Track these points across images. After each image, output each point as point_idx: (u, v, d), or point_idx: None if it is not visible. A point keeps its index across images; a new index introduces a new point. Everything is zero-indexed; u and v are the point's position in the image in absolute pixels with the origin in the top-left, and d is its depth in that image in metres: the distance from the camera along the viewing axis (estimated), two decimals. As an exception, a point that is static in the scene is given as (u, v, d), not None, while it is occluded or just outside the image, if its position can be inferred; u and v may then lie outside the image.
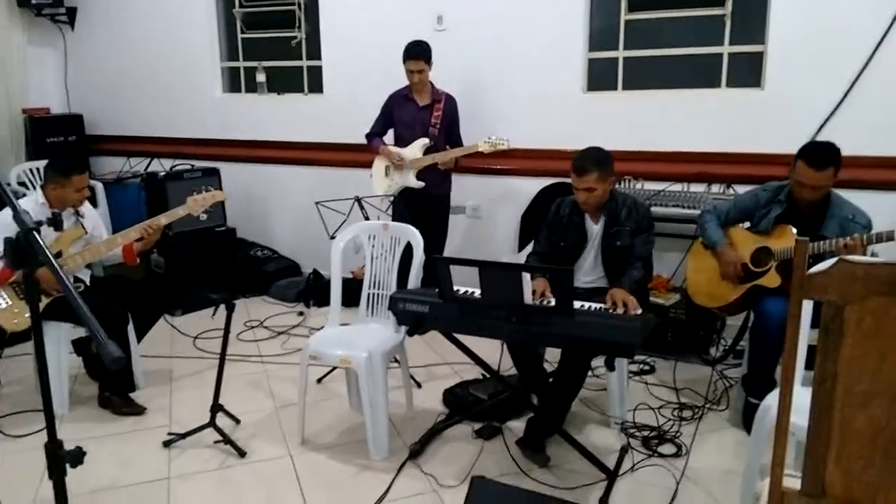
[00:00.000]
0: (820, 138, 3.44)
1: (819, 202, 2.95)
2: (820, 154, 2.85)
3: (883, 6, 3.48)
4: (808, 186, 2.86)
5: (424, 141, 4.13)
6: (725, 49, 4.03)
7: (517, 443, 2.81)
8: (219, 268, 4.93)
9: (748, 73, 3.96)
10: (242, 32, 5.52)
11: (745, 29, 3.96)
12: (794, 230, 2.95)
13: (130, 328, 3.39)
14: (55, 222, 1.52)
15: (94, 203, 4.79)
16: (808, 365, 2.16)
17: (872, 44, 3.51)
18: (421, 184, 4.14)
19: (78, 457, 1.44)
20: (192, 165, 5.13)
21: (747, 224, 3.20)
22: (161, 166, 5.43)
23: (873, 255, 2.90)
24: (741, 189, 3.66)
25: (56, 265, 1.30)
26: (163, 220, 3.31)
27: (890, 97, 3.52)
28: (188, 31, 5.54)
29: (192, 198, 3.36)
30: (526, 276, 2.42)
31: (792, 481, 1.59)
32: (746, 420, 2.99)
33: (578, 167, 2.90)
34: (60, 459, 1.44)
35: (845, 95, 3.61)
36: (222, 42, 5.63)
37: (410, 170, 4.14)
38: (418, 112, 4.17)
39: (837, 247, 2.73)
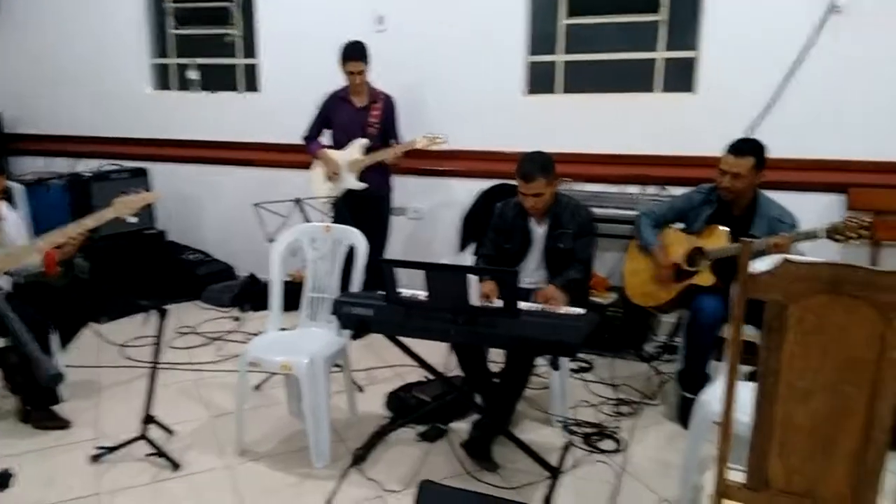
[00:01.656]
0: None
1: (748, 203, 3.05)
2: (740, 143, 3.01)
3: (809, 12, 3.63)
4: (728, 174, 2.96)
5: (363, 141, 4.07)
6: (660, 54, 4.14)
7: (462, 445, 2.79)
8: (148, 272, 4.74)
9: (682, 77, 4.07)
10: (174, 28, 5.33)
11: (679, 35, 4.07)
12: (726, 230, 3.05)
13: (54, 337, 3.21)
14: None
15: (13, 205, 4.53)
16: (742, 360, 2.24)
17: (798, 49, 3.66)
18: (363, 185, 4.08)
19: (5, 479, 1.33)
20: (120, 166, 4.91)
21: (681, 225, 3.29)
22: (86, 167, 5.17)
23: (800, 254, 3.02)
24: (676, 191, 3.76)
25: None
26: (89, 223, 3.13)
27: (814, 101, 3.68)
28: (114, 26, 5.30)
29: (120, 199, 3.19)
30: (472, 278, 2.41)
31: (733, 475, 1.63)
32: (682, 414, 3.07)
33: (525, 173, 2.91)
34: (-18, 482, 1.33)
35: (773, 100, 3.76)
36: (152, 37, 5.41)
37: (351, 172, 4.07)
38: (356, 113, 4.11)
39: (768, 246, 2.82)
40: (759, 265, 1.57)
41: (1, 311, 1.19)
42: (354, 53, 3.97)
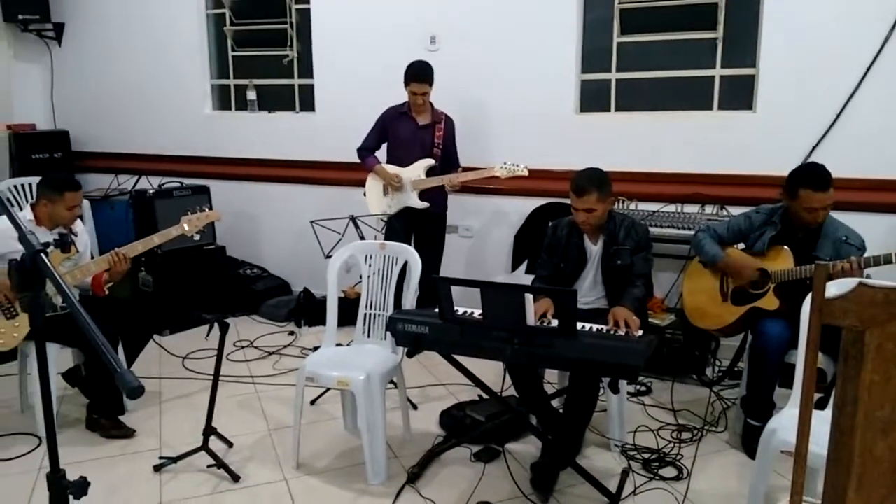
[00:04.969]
0: (812, 160, 3.47)
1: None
2: (820, 177, 2.90)
3: (873, 29, 3.54)
4: (818, 210, 2.89)
5: (430, 162, 4.08)
6: (717, 72, 4.08)
7: (531, 483, 2.70)
8: (208, 286, 4.86)
9: (740, 95, 4.00)
10: (233, 50, 5.50)
11: (736, 52, 4.01)
12: (791, 252, 2.97)
13: (121, 349, 3.32)
14: (63, 244, 1.47)
15: (82, 221, 4.72)
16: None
17: (863, 66, 3.57)
18: (425, 204, 4.09)
19: (82, 487, 1.38)
20: (182, 183, 5.07)
21: (741, 246, 3.22)
22: (149, 184, 5.36)
23: (867, 277, 2.92)
24: (734, 210, 3.70)
25: (66, 290, 1.26)
26: (156, 239, 3.26)
27: (880, 119, 3.58)
28: (177, 48, 5.51)
29: (185, 218, 3.32)
30: (528, 298, 2.40)
31: (807, 508, 1.58)
32: (746, 442, 2.99)
33: (578, 187, 2.90)
34: (63, 491, 1.38)
35: (836, 118, 3.66)
36: (212, 59, 5.61)
37: (413, 190, 4.10)
38: (418, 131, 4.12)
39: (835, 270, 2.74)
40: (831, 289, 1.52)
41: (82, 322, 1.23)
42: (421, 75, 3.98)
